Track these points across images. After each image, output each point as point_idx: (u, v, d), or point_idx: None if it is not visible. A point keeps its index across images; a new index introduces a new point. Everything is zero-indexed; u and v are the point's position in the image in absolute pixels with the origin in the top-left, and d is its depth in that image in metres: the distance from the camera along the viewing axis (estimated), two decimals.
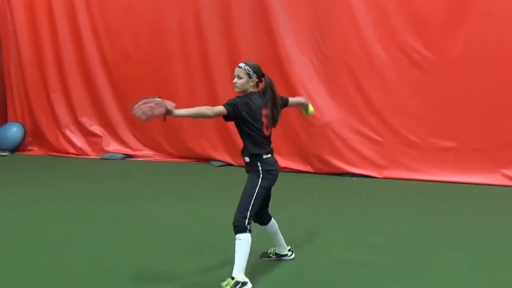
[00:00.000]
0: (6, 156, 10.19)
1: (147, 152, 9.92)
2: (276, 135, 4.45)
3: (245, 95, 4.10)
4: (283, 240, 4.59)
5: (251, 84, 4.11)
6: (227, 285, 3.90)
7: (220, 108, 3.95)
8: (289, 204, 6.57)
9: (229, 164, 9.04)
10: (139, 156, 9.88)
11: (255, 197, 4.02)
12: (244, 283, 3.93)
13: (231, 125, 9.48)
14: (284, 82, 8.34)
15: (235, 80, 4.12)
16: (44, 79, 10.39)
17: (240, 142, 4.25)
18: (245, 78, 4.09)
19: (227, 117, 4.02)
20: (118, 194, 7.23)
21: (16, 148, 10.50)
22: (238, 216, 3.97)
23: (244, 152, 4.16)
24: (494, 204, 6.60)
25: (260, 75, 4.15)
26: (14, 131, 10.44)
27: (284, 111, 4.45)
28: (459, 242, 5.17)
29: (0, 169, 9.19)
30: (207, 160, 9.37)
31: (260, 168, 4.08)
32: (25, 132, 10.54)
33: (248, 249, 3.94)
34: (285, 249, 4.62)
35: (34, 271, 4.46)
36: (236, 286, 3.89)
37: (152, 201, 6.85)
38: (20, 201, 6.87)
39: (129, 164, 9.50)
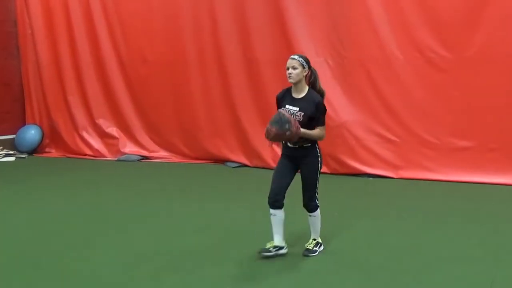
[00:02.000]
0: (24, 158, 10.30)
1: (163, 153, 9.97)
2: None
3: (316, 94, 4.51)
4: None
5: (304, 74, 4.50)
6: (310, 244, 4.76)
7: (324, 127, 4.56)
8: None
9: (244, 165, 9.06)
10: (155, 158, 9.92)
11: (318, 179, 4.61)
12: (321, 244, 4.84)
13: (247, 126, 9.53)
14: None
15: (290, 71, 4.46)
16: (61, 82, 10.48)
17: (255, 144, 4.42)
18: (299, 68, 4.46)
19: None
20: (134, 196, 7.27)
21: (34, 150, 10.60)
22: (312, 199, 4.61)
23: (307, 140, 4.49)
24: (511, 205, 6.55)
25: (309, 66, 4.54)
26: (32, 133, 10.55)
27: None
28: (477, 242, 5.13)
29: (19, 170, 9.28)
30: (223, 161, 9.39)
31: (318, 150, 4.59)
32: (43, 134, 10.65)
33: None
34: (283, 241, 4.72)
35: (48, 272, 4.51)
36: (317, 245, 4.79)
37: (169, 202, 6.89)
38: (38, 202, 6.94)
39: (146, 166, 9.55)
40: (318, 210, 4.70)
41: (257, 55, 8.73)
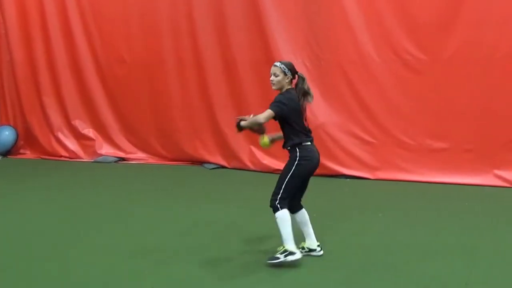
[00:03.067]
0: None
1: (140, 155, 9.89)
2: None
3: (286, 91, 4.51)
4: (313, 234, 4.75)
5: (286, 81, 4.51)
6: (278, 251, 4.46)
7: (269, 112, 4.40)
8: None
9: (222, 167, 9.03)
10: (133, 159, 9.84)
11: (288, 180, 4.44)
12: (292, 253, 4.42)
13: (225, 127, 9.47)
14: None
15: (272, 78, 4.51)
16: (36, 82, 10.33)
17: (233, 145, 4.39)
18: (281, 76, 4.49)
19: (275, 117, 4.44)
20: (111, 198, 7.21)
21: (8, 152, 10.45)
22: (272, 198, 4.46)
23: (286, 144, 4.54)
24: (486, 205, 6.63)
25: (294, 72, 4.55)
26: (6, 134, 10.38)
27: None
28: (451, 243, 5.18)
29: None
30: (201, 162, 9.35)
31: (298, 154, 4.46)
32: (17, 135, 10.49)
33: (288, 223, 4.43)
34: (314, 244, 4.75)
35: (22, 277, 4.45)
36: (283, 253, 4.43)
37: (150, 204, 6.84)
38: (15, 204, 6.84)
39: (122, 167, 9.47)
40: (279, 212, 4.43)
41: (235, 56, 8.72)
